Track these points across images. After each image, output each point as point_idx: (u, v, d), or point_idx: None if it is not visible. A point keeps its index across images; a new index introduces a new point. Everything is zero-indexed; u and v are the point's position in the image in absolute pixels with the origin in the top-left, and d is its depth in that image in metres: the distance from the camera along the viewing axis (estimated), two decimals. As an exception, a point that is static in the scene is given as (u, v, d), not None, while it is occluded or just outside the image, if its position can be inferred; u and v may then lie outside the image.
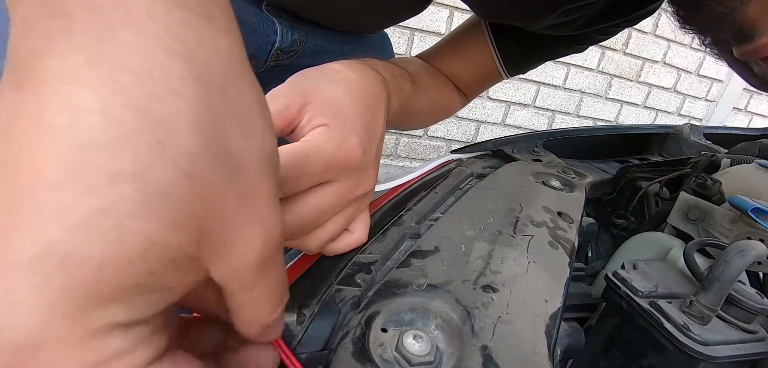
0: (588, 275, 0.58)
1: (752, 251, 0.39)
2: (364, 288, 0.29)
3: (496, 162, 0.61)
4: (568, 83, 2.19)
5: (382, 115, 0.30)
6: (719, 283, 0.38)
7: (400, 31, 1.78)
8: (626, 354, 0.43)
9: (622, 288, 0.42)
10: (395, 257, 0.34)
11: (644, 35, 2.18)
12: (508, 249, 0.35)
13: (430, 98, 0.49)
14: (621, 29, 0.51)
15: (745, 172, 0.62)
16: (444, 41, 0.56)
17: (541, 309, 0.29)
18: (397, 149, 2.09)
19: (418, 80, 0.45)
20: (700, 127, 0.93)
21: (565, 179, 0.55)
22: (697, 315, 0.39)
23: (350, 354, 0.23)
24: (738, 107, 2.68)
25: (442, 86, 0.53)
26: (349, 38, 0.58)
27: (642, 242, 0.59)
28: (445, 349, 0.25)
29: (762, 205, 0.48)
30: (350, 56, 0.33)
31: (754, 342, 0.39)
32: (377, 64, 0.34)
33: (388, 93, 0.32)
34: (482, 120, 2.15)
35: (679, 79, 2.40)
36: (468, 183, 0.53)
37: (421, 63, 0.53)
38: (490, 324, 0.27)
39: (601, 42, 0.53)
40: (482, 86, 0.58)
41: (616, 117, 2.41)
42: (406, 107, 0.40)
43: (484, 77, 0.55)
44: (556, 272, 0.34)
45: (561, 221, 0.43)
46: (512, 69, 0.53)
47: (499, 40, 0.51)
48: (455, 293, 0.29)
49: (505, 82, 2.07)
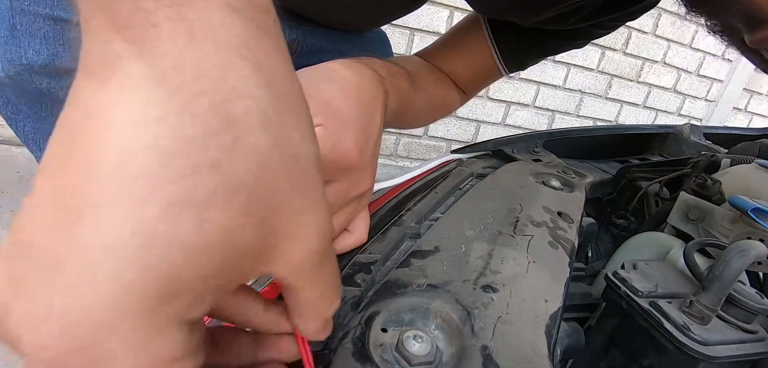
0: (588, 275, 0.58)
1: (752, 251, 0.39)
2: (364, 288, 0.29)
3: (496, 162, 0.61)
4: (568, 83, 2.19)
5: (379, 114, 0.30)
6: (719, 283, 0.38)
7: (400, 32, 1.78)
8: (626, 354, 0.43)
9: (622, 288, 0.42)
10: (395, 257, 0.34)
11: (644, 35, 2.18)
12: (508, 249, 0.35)
13: (428, 95, 0.49)
14: (621, 24, 0.51)
15: (745, 172, 0.62)
16: (443, 39, 0.56)
17: (541, 309, 0.29)
18: (397, 149, 2.09)
19: (417, 78, 0.45)
20: (700, 127, 0.93)
21: (565, 179, 0.55)
22: (697, 315, 0.39)
23: (350, 354, 0.23)
24: (738, 107, 2.68)
25: (441, 84, 0.53)
26: (347, 37, 0.58)
27: (642, 242, 0.59)
28: (445, 349, 0.25)
29: (762, 205, 0.48)
30: (348, 56, 0.33)
31: (754, 342, 0.39)
32: (374, 63, 0.34)
33: (385, 91, 0.32)
34: (482, 120, 2.15)
35: (679, 79, 2.40)
36: (468, 183, 0.53)
37: (419, 61, 0.53)
38: (490, 324, 0.27)
39: (601, 37, 0.52)
40: (482, 84, 0.57)
41: (616, 117, 2.41)
42: (405, 106, 0.40)
43: (484, 75, 0.55)
44: (556, 273, 0.34)
45: (561, 221, 0.43)
46: (512, 66, 0.53)
47: (498, 37, 0.51)
48: (455, 293, 0.29)
49: (505, 82, 2.07)
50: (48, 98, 0.37)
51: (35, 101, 0.37)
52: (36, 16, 0.33)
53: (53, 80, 0.36)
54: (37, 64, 0.34)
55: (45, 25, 0.34)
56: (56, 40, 0.34)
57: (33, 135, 0.40)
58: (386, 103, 0.32)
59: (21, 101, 0.38)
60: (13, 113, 0.39)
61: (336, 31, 0.56)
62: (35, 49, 0.34)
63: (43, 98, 0.37)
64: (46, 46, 0.34)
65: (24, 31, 0.34)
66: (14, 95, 0.37)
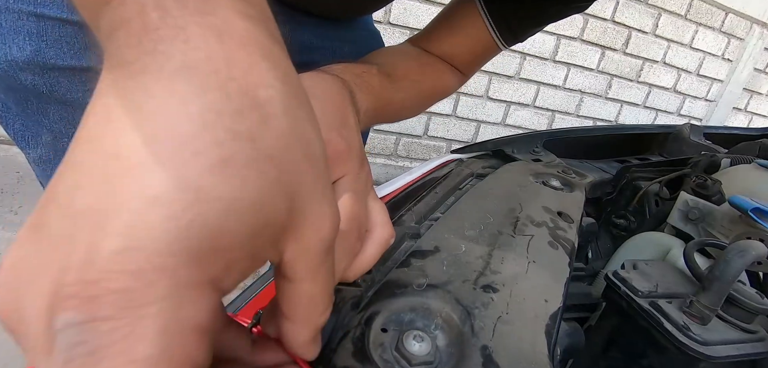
0: (588, 275, 0.58)
1: (752, 251, 0.39)
2: (364, 288, 0.29)
3: (496, 162, 0.61)
4: (568, 83, 2.19)
5: (350, 111, 0.30)
6: (719, 283, 0.38)
7: (400, 31, 1.78)
8: (626, 354, 0.43)
9: (622, 288, 0.42)
10: (395, 258, 0.34)
11: (644, 35, 2.18)
12: (508, 249, 0.35)
13: (413, 85, 0.47)
14: None
15: (745, 172, 0.62)
16: (436, 21, 0.54)
17: (541, 309, 0.29)
18: (397, 149, 2.09)
19: (396, 70, 0.44)
20: (700, 127, 0.93)
21: (565, 179, 0.55)
22: (697, 315, 0.39)
23: (350, 354, 0.23)
24: (738, 107, 2.68)
25: (429, 70, 0.51)
26: (338, 34, 0.58)
27: (642, 242, 0.59)
28: (445, 349, 0.25)
29: (762, 205, 0.48)
30: (340, 53, 0.33)
31: (754, 342, 0.39)
32: (334, 68, 0.34)
33: (350, 92, 0.32)
34: (482, 120, 2.15)
35: (679, 79, 2.41)
36: (468, 183, 0.53)
37: (404, 50, 0.51)
38: (490, 324, 0.27)
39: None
40: (479, 61, 0.55)
41: (616, 117, 2.41)
42: (382, 101, 0.39)
43: (481, 52, 0.53)
44: (556, 273, 0.34)
45: (561, 221, 0.43)
46: (509, 38, 0.50)
47: (491, 8, 0.48)
48: (455, 293, 0.29)
49: (505, 82, 2.07)
50: (33, 94, 0.37)
51: (21, 98, 0.38)
52: (20, 14, 0.34)
53: (37, 76, 0.36)
54: (21, 61, 0.35)
55: (28, 21, 0.34)
56: (40, 36, 0.35)
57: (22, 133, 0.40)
58: (354, 102, 0.32)
59: (9, 98, 0.38)
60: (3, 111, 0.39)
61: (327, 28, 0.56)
62: (19, 46, 0.34)
63: (29, 95, 0.37)
64: (30, 43, 0.35)
65: (8, 28, 0.34)
66: (2, 93, 0.38)
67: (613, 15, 2.08)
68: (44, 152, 0.42)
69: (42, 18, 0.34)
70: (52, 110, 0.39)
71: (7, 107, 0.39)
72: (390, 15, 1.76)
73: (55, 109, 0.39)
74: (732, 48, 2.40)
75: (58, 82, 0.37)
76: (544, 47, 2.05)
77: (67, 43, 0.36)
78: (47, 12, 0.34)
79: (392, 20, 1.77)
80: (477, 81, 2.03)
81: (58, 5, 0.34)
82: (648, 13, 2.13)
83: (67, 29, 0.35)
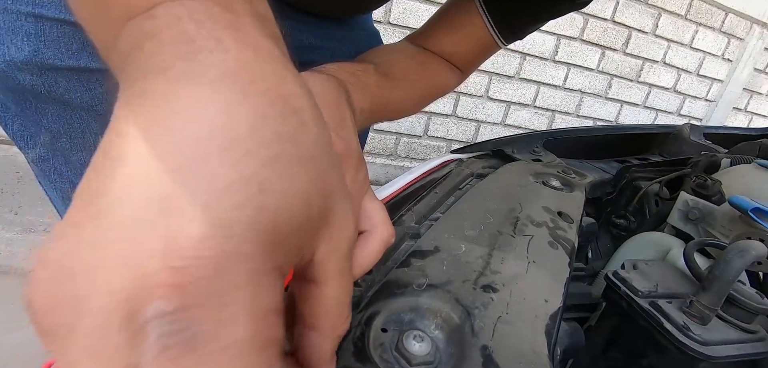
0: (588, 275, 0.58)
1: (752, 251, 0.39)
2: (364, 288, 0.29)
3: (496, 162, 0.61)
4: (568, 83, 2.19)
5: (346, 111, 0.30)
6: (719, 283, 0.38)
7: (400, 31, 1.78)
8: (626, 354, 0.43)
9: (622, 288, 0.42)
10: (395, 257, 0.34)
11: (644, 35, 2.18)
12: (508, 249, 0.35)
13: (410, 83, 0.47)
14: None
15: (745, 172, 0.62)
16: (434, 18, 0.53)
17: (541, 309, 0.29)
18: (397, 149, 2.09)
19: (393, 69, 0.44)
20: (700, 127, 0.93)
21: (565, 179, 0.55)
22: (697, 315, 0.39)
23: (350, 354, 0.23)
24: (738, 107, 2.68)
25: (427, 69, 0.51)
26: (337, 34, 0.57)
27: (642, 242, 0.59)
28: (445, 349, 0.25)
29: (762, 205, 0.48)
30: (339, 53, 0.33)
31: (754, 342, 0.39)
32: (328, 68, 0.34)
33: (346, 91, 0.32)
34: (482, 120, 2.15)
35: (679, 79, 2.41)
36: (468, 183, 0.53)
37: (401, 48, 0.51)
38: (490, 324, 0.27)
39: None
40: (478, 59, 0.55)
41: (616, 117, 2.41)
42: (379, 100, 0.39)
43: (479, 49, 0.52)
44: (556, 272, 0.34)
45: (561, 221, 0.43)
46: (507, 36, 0.50)
47: (489, 5, 0.48)
48: (455, 293, 0.29)
49: (505, 82, 2.07)
50: (31, 94, 0.37)
51: (20, 98, 0.38)
52: (18, 14, 0.34)
53: (35, 77, 0.36)
54: (20, 61, 0.35)
55: (27, 22, 0.34)
56: (38, 37, 0.35)
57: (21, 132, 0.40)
58: (350, 102, 0.32)
59: (7, 98, 0.38)
60: (2, 111, 0.39)
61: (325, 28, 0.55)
62: (17, 46, 0.35)
63: (27, 95, 0.37)
64: (28, 43, 0.35)
65: (7, 28, 0.34)
66: (1, 93, 0.38)
67: (613, 15, 2.08)
68: (43, 151, 0.42)
69: (40, 18, 0.35)
70: (51, 110, 0.39)
71: (5, 107, 0.39)
72: (390, 15, 1.76)
73: (54, 109, 0.39)
74: (732, 48, 2.40)
75: (57, 83, 0.37)
76: (544, 47, 2.05)
77: (65, 44, 0.36)
78: (46, 12, 0.34)
79: (392, 20, 1.77)
80: (477, 81, 2.03)
81: (56, 6, 0.34)
82: (648, 13, 2.13)
83: (66, 30, 0.35)
